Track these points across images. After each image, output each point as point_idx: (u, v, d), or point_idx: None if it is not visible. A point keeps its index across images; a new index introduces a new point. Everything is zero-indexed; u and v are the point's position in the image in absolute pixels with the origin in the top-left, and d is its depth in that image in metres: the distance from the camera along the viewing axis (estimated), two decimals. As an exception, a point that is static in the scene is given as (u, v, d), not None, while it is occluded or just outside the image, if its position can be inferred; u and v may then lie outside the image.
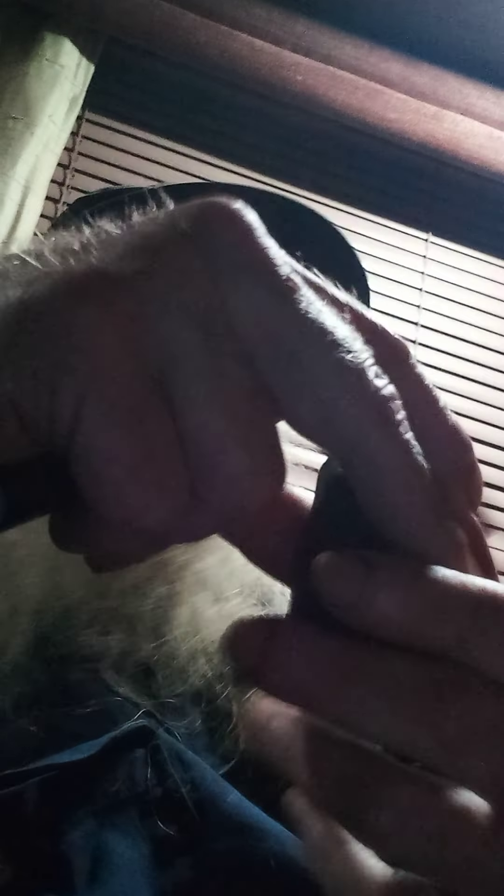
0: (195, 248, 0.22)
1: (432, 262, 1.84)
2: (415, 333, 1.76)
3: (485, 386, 1.77)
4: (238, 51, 1.64)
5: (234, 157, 1.70)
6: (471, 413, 1.73)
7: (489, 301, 1.85)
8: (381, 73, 1.70)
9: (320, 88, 1.68)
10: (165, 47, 1.64)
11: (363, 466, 0.21)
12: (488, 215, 1.89)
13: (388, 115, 1.71)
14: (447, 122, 1.73)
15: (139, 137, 1.70)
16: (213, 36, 1.63)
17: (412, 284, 1.81)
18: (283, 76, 1.66)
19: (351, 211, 1.82)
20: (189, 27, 1.62)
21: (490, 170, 1.76)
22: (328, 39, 1.68)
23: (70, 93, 1.60)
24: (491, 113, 1.75)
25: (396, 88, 1.71)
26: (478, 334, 1.81)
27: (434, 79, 1.73)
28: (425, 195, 1.87)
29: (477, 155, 1.75)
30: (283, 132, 1.78)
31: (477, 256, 1.87)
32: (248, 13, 1.65)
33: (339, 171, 1.83)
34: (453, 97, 1.73)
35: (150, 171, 1.69)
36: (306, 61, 1.67)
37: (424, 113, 1.72)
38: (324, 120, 1.75)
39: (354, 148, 1.81)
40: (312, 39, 1.67)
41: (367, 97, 1.70)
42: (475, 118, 1.74)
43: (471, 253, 1.87)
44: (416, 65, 1.72)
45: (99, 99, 1.68)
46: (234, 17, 1.64)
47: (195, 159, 1.72)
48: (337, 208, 1.80)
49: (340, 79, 1.69)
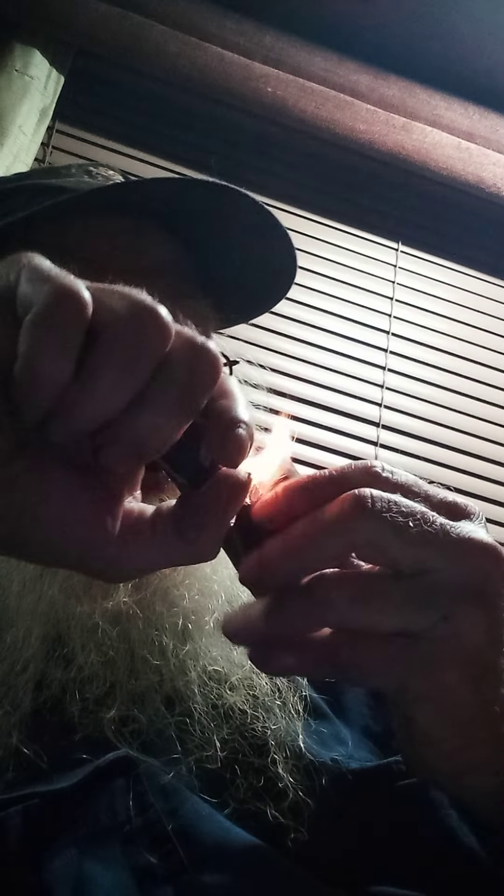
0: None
1: (403, 272, 1.86)
2: (386, 342, 1.77)
3: (455, 393, 1.79)
4: (208, 62, 1.64)
5: (205, 169, 1.70)
6: (441, 420, 1.75)
7: (459, 309, 1.87)
8: (350, 84, 1.72)
9: (290, 100, 1.69)
10: (136, 59, 1.64)
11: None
12: (457, 225, 1.92)
13: (358, 126, 1.72)
14: (416, 133, 1.74)
15: (110, 148, 1.70)
16: (184, 48, 1.63)
17: (383, 293, 1.82)
18: (254, 87, 1.67)
19: (322, 221, 1.83)
20: (159, 39, 1.62)
21: (458, 180, 1.78)
22: (298, 51, 1.69)
23: (40, 104, 1.59)
24: (459, 124, 1.77)
25: (365, 100, 1.73)
26: (448, 342, 1.83)
27: (403, 90, 1.75)
28: (395, 205, 1.89)
29: (445, 165, 1.76)
30: (253, 143, 1.79)
31: (447, 265, 1.90)
32: (219, 25, 1.65)
33: (310, 182, 1.84)
34: (422, 108, 1.75)
35: (122, 182, 1.68)
36: (276, 73, 1.68)
37: (393, 124, 1.73)
38: (294, 131, 1.75)
39: (324, 159, 1.82)
40: (282, 51, 1.68)
41: (336, 108, 1.71)
42: (443, 129, 1.76)
43: (440, 262, 1.89)
44: (384, 76, 1.74)
45: (69, 110, 1.68)
46: (204, 29, 1.64)
47: (166, 170, 1.72)
48: (308, 218, 1.81)
49: (310, 90, 1.70)
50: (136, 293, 0.33)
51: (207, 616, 0.54)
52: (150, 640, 0.52)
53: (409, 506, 0.36)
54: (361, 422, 1.69)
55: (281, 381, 1.65)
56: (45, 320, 0.31)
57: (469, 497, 1.65)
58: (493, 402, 1.81)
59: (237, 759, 0.48)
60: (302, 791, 0.46)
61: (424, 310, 1.84)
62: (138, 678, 0.50)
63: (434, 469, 1.70)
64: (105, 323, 0.32)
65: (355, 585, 0.36)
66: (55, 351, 0.31)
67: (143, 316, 0.32)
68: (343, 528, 0.35)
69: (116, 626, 0.52)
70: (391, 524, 0.35)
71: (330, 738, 0.53)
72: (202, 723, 0.49)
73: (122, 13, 1.60)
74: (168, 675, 0.51)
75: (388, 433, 1.70)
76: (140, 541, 0.36)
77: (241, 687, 0.52)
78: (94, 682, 0.50)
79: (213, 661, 0.52)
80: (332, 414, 1.68)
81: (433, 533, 0.35)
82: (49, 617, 0.52)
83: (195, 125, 1.74)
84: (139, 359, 0.32)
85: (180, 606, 0.53)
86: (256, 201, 0.66)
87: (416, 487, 0.38)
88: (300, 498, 0.37)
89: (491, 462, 1.75)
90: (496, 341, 1.87)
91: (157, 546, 0.36)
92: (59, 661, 0.51)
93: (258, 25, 1.68)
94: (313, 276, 1.77)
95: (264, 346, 1.67)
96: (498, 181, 1.77)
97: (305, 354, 1.71)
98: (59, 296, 0.31)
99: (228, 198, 0.66)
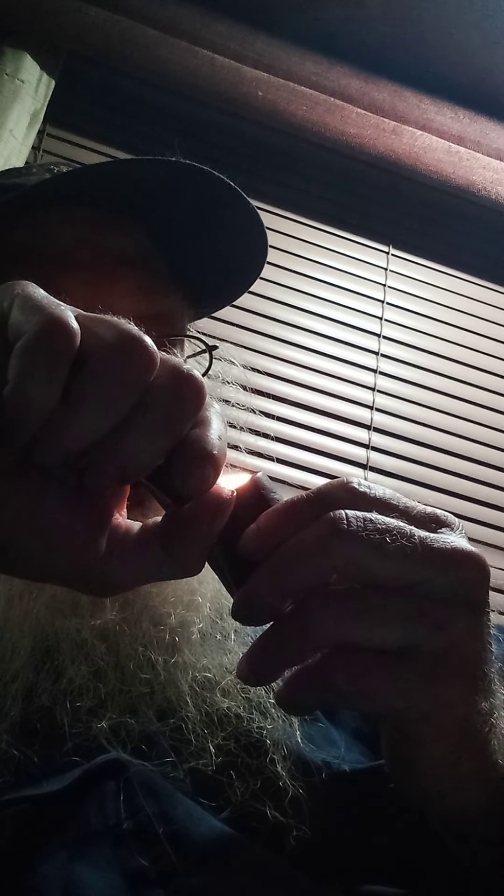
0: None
1: (393, 275, 1.86)
2: (377, 345, 1.78)
3: (446, 396, 1.80)
4: (199, 66, 1.65)
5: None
6: (433, 423, 1.76)
7: (449, 312, 1.88)
8: (340, 88, 1.72)
9: (281, 104, 1.69)
10: (126, 63, 1.64)
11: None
12: (447, 228, 1.93)
13: (348, 129, 1.72)
14: (406, 136, 1.75)
15: (100, 152, 1.70)
16: (174, 52, 1.63)
17: (374, 296, 1.83)
18: (244, 91, 1.67)
19: (312, 224, 1.83)
20: (150, 43, 1.62)
21: (448, 183, 1.79)
22: (288, 56, 1.70)
23: (31, 108, 1.59)
24: (449, 128, 1.77)
25: (356, 104, 1.73)
26: (439, 345, 1.83)
27: (393, 94, 1.75)
28: (386, 208, 1.90)
29: (436, 169, 1.77)
30: (243, 147, 1.80)
31: (437, 268, 1.90)
32: (209, 29, 1.66)
33: (301, 186, 1.84)
34: (412, 112, 1.76)
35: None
36: (267, 77, 1.68)
37: (383, 128, 1.74)
38: (284, 135, 1.76)
39: (315, 162, 1.82)
40: (273, 55, 1.69)
41: (326, 112, 1.71)
42: (433, 133, 1.77)
43: (431, 265, 1.90)
44: (375, 81, 1.75)
45: (60, 114, 1.68)
46: (194, 33, 1.64)
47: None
48: (299, 222, 1.82)
49: (301, 94, 1.70)
50: (122, 323, 0.35)
51: (194, 628, 0.54)
52: (138, 654, 0.52)
53: (385, 522, 0.36)
54: (353, 424, 1.70)
55: (271, 384, 1.65)
56: (34, 348, 0.32)
57: (461, 499, 1.68)
58: (484, 404, 1.82)
59: (233, 762, 0.48)
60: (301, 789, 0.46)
61: (415, 313, 1.85)
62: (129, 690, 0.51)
63: (425, 471, 1.71)
64: (92, 351, 0.33)
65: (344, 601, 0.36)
66: (43, 378, 0.32)
67: (128, 345, 0.34)
68: (321, 551, 0.36)
69: (104, 642, 0.52)
70: (368, 542, 0.35)
71: (321, 739, 0.53)
72: (196, 731, 0.49)
73: (112, 17, 1.60)
74: (158, 688, 0.51)
75: (379, 436, 1.71)
76: (127, 556, 0.37)
77: (235, 691, 0.52)
78: (85, 693, 0.50)
79: (203, 669, 0.53)
80: (323, 417, 1.68)
81: (412, 546, 0.36)
82: (37, 632, 0.53)
83: (186, 129, 1.75)
84: (124, 386, 0.33)
85: (166, 623, 0.54)
86: (216, 174, 0.65)
87: (394, 501, 0.38)
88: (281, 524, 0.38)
89: (482, 464, 1.76)
90: (486, 344, 1.87)
91: (144, 561, 0.37)
92: (50, 673, 0.51)
93: (249, 30, 1.68)
94: (304, 279, 1.78)
95: (255, 349, 1.67)
96: (487, 184, 1.78)
97: (296, 357, 1.71)
98: (48, 325, 0.33)
99: (188, 173, 0.65)
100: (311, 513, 0.37)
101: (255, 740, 0.49)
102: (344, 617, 0.35)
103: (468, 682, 0.37)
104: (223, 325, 1.63)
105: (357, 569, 0.36)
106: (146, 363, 0.34)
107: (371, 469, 1.66)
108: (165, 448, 0.35)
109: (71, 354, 0.33)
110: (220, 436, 0.37)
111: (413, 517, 0.38)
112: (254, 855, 0.42)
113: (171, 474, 0.36)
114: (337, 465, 1.65)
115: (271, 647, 0.37)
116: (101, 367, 0.33)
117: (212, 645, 0.55)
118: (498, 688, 0.39)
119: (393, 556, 0.35)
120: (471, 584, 0.37)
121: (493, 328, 1.90)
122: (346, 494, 0.38)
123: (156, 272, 0.67)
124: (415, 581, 0.36)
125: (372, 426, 1.70)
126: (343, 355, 1.75)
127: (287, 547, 0.37)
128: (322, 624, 0.35)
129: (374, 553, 0.35)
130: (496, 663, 0.38)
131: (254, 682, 0.41)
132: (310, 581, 0.36)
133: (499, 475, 1.76)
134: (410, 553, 0.36)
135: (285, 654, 0.37)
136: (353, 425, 1.70)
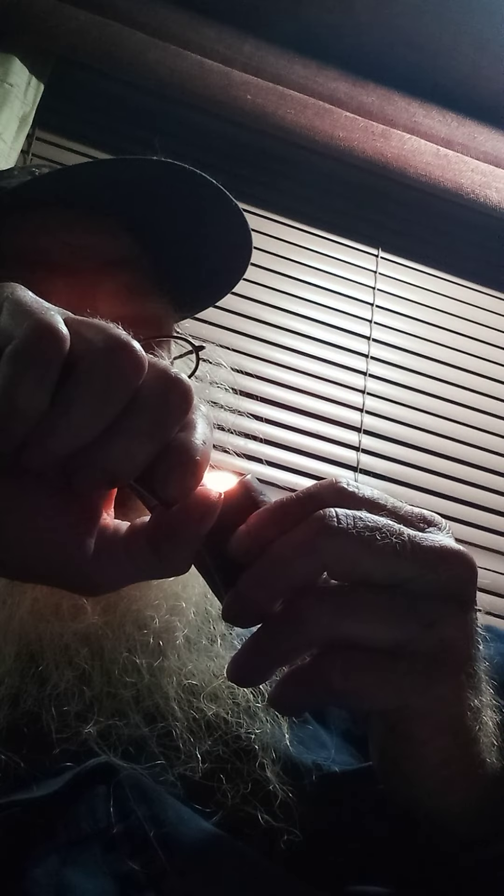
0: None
1: (383, 277, 1.87)
2: (367, 348, 1.78)
3: (436, 398, 1.80)
4: (188, 70, 1.65)
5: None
6: (423, 425, 1.76)
7: (439, 315, 1.88)
8: (329, 92, 1.73)
9: (270, 107, 1.69)
10: (115, 67, 1.64)
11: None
12: (436, 231, 1.93)
13: (337, 133, 1.73)
14: (395, 140, 1.76)
15: (89, 156, 1.69)
16: (163, 56, 1.63)
17: (364, 299, 1.83)
18: (233, 95, 1.68)
19: (302, 227, 1.84)
20: (139, 47, 1.62)
21: (437, 186, 1.79)
22: (277, 59, 1.70)
23: (20, 111, 1.59)
24: (437, 131, 1.78)
25: (345, 107, 1.74)
26: (428, 347, 1.84)
27: (381, 98, 1.76)
28: (375, 211, 1.90)
29: (424, 172, 1.78)
30: (233, 150, 1.80)
31: (426, 271, 1.91)
32: (198, 33, 1.66)
33: (290, 189, 1.85)
34: (400, 116, 1.77)
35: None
36: (256, 80, 1.69)
37: (372, 131, 1.75)
38: (273, 138, 1.76)
39: (304, 166, 1.83)
40: (262, 59, 1.69)
41: (315, 116, 1.72)
42: (422, 136, 1.78)
43: (420, 268, 1.91)
44: (363, 84, 1.75)
45: (49, 117, 1.68)
46: (183, 37, 1.65)
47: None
48: (288, 225, 1.82)
49: (289, 98, 1.71)
50: (111, 327, 0.35)
51: (178, 633, 0.54)
52: (122, 659, 0.52)
53: (374, 520, 0.36)
54: (342, 427, 1.70)
55: (261, 386, 1.65)
56: (23, 353, 0.33)
57: (451, 501, 1.68)
58: (474, 406, 1.82)
59: (223, 767, 0.48)
60: (291, 792, 0.47)
61: (405, 315, 1.86)
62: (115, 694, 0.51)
63: (415, 474, 1.71)
64: (81, 355, 0.34)
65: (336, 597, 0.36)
66: (32, 383, 0.33)
67: (117, 349, 0.34)
68: (311, 548, 0.36)
69: (87, 646, 0.52)
70: (358, 539, 0.35)
71: (311, 742, 0.53)
72: (184, 737, 0.49)
73: (101, 21, 1.60)
74: (144, 692, 0.51)
75: (369, 438, 1.71)
76: (115, 556, 0.38)
77: (223, 696, 0.52)
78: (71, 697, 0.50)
79: (189, 674, 0.53)
80: (313, 419, 1.68)
81: (402, 543, 0.36)
82: (21, 637, 0.52)
83: (175, 133, 1.75)
84: (113, 391, 0.34)
85: (150, 627, 0.53)
86: (199, 173, 0.65)
87: (382, 501, 0.39)
88: (271, 524, 0.38)
89: (472, 466, 1.77)
90: (476, 346, 1.88)
91: (132, 561, 0.38)
92: (35, 678, 0.51)
93: (238, 34, 1.68)
94: (294, 282, 1.78)
95: (244, 351, 1.67)
96: (476, 187, 1.79)
97: (286, 360, 1.71)
98: (37, 330, 0.33)
99: (171, 172, 0.65)
100: (301, 512, 0.37)
101: (245, 745, 0.49)
102: (337, 613, 0.36)
103: (460, 679, 0.37)
104: (212, 328, 1.63)
105: (347, 566, 0.36)
106: (135, 367, 0.34)
107: (361, 471, 1.67)
108: (154, 451, 0.35)
109: (60, 359, 0.33)
110: (205, 440, 0.37)
111: (401, 517, 0.39)
112: (244, 857, 0.42)
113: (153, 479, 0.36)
114: (327, 467, 1.65)
115: (262, 647, 0.37)
116: (90, 371, 0.33)
117: (198, 650, 0.55)
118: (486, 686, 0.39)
119: (383, 552, 0.36)
120: (460, 582, 0.37)
121: (482, 330, 1.90)
122: (335, 494, 0.38)
123: (140, 274, 0.67)
124: (404, 578, 0.36)
125: (362, 428, 1.71)
126: (333, 357, 1.75)
127: (277, 546, 0.37)
128: (315, 620, 0.36)
129: (363, 550, 0.35)
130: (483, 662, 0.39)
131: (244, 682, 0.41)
132: (300, 579, 0.36)
133: (489, 477, 1.77)
134: (400, 550, 0.36)
135: (277, 652, 0.37)
136: (342, 427, 1.70)
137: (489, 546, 1.69)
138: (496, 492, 1.76)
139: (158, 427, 0.35)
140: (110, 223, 0.67)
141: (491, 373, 1.87)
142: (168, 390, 0.35)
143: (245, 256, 0.74)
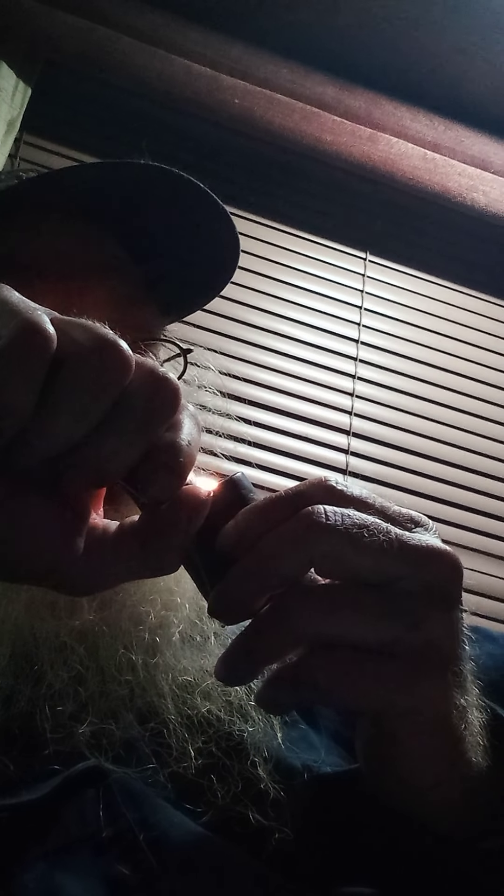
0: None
1: (371, 281, 1.87)
2: (356, 350, 1.79)
3: (424, 401, 1.81)
4: (175, 74, 1.65)
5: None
6: (411, 427, 1.77)
7: (427, 318, 1.89)
8: (316, 96, 1.73)
9: (257, 111, 1.70)
10: (103, 71, 1.64)
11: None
12: (424, 234, 1.94)
13: (325, 137, 1.73)
14: (382, 143, 1.76)
15: (77, 160, 1.69)
16: (151, 60, 1.64)
17: (352, 302, 1.84)
18: (221, 99, 1.68)
19: (289, 231, 1.84)
20: (126, 51, 1.62)
21: (424, 190, 1.80)
22: (264, 63, 1.71)
23: (7, 115, 1.59)
24: (424, 135, 1.79)
25: (332, 111, 1.74)
26: (416, 350, 1.84)
27: (369, 102, 1.77)
28: (362, 215, 1.91)
29: (412, 175, 1.79)
30: (221, 154, 1.80)
31: (414, 274, 1.92)
32: (185, 37, 1.66)
33: (277, 192, 1.85)
34: (387, 120, 1.77)
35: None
36: (243, 84, 1.69)
37: (360, 135, 1.75)
38: (261, 142, 1.77)
39: (291, 169, 1.83)
40: (249, 63, 1.70)
41: (303, 119, 1.72)
42: (409, 140, 1.79)
43: (408, 271, 1.91)
44: (350, 88, 1.76)
45: (37, 122, 1.68)
46: (171, 42, 1.65)
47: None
48: (276, 228, 1.83)
49: (277, 102, 1.71)
50: (98, 326, 0.35)
51: (173, 629, 0.54)
52: (118, 655, 0.52)
53: (362, 518, 0.37)
54: (332, 430, 1.71)
55: (251, 390, 1.65)
56: (9, 352, 0.32)
57: (439, 503, 1.68)
58: (462, 408, 1.83)
59: (214, 765, 0.48)
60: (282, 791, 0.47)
61: (393, 318, 1.86)
62: (109, 694, 0.50)
63: (404, 476, 1.72)
64: (68, 354, 0.33)
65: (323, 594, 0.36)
66: (19, 383, 0.32)
67: (104, 348, 0.34)
68: (299, 544, 0.36)
69: (83, 644, 0.52)
70: (346, 535, 0.36)
71: (302, 743, 0.53)
72: (177, 734, 0.49)
73: (89, 25, 1.61)
74: (139, 690, 0.51)
75: (358, 441, 1.71)
76: (105, 555, 0.37)
77: (215, 694, 0.52)
78: (65, 697, 0.49)
79: (183, 671, 0.53)
80: (302, 422, 1.69)
81: (389, 542, 0.36)
82: (16, 637, 0.52)
83: (163, 137, 1.75)
84: (101, 390, 0.34)
85: (146, 623, 0.53)
86: (185, 175, 0.65)
87: (371, 500, 0.39)
88: (259, 521, 0.38)
89: (461, 468, 1.77)
90: (463, 349, 1.89)
91: (122, 560, 0.38)
92: (29, 678, 0.51)
93: (225, 38, 1.69)
94: (282, 285, 1.79)
95: (234, 355, 1.67)
96: (463, 191, 1.80)
97: (275, 363, 1.71)
98: (24, 329, 0.33)
99: (157, 176, 0.65)
100: (290, 509, 0.37)
101: (236, 743, 0.49)
102: (323, 610, 0.36)
103: (446, 678, 0.37)
104: (200, 331, 1.63)
105: (334, 562, 0.36)
106: (122, 366, 0.34)
107: (350, 474, 1.67)
108: (142, 451, 0.35)
109: (47, 358, 0.33)
110: (191, 440, 0.37)
111: (389, 516, 0.39)
112: (234, 859, 0.42)
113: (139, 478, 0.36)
114: (316, 470, 1.65)
115: (249, 645, 0.37)
116: (77, 371, 0.33)
117: (192, 647, 0.55)
118: (471, 686, 0.39)
119: (370, 550, 0.36)
120: (446, 582, 0.37)
121: (470, 333, 1.91)
122: (324, 492, 0.38)
123: (127, 279, 0.67)
124: (391, 577, 0.36)
125: (351, 431, 1.71)
126: (322, 361, 1.76)
127: (264, 541, 0.37)
128: (301, 617, 0.36)
129: (351, 546, 0.36)
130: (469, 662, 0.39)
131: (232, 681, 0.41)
132: (287, 575, 0.37)
133: (477, 479, 1.78)
134: (387, 548, 0.36)
135: (263, 651, 0.37)
136: (332, 430, 1.71)
137: (475, 547, 1.70)
138: (484, 494, 1.77)
139: (146, 426, 0.35)
140: (97, 227, 0.67)
141: (479, 375, 1.87)
142: (156, 389, 0.35)
143: (233, 259, 0.74)
